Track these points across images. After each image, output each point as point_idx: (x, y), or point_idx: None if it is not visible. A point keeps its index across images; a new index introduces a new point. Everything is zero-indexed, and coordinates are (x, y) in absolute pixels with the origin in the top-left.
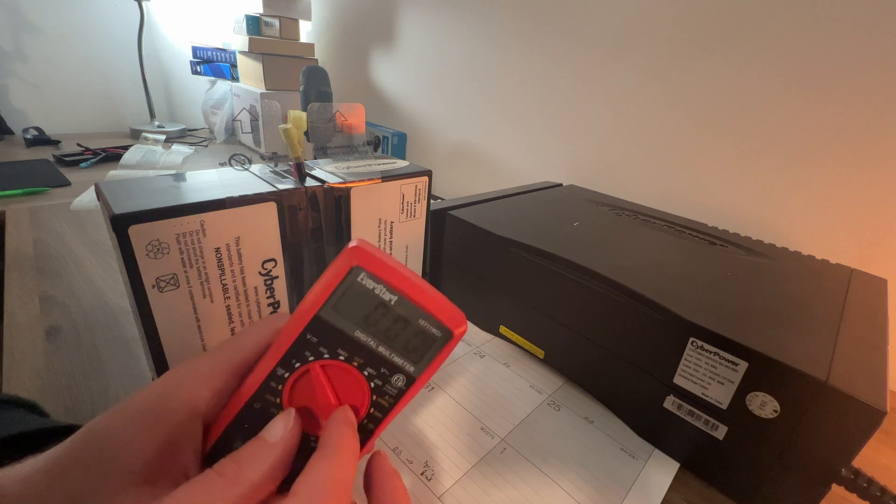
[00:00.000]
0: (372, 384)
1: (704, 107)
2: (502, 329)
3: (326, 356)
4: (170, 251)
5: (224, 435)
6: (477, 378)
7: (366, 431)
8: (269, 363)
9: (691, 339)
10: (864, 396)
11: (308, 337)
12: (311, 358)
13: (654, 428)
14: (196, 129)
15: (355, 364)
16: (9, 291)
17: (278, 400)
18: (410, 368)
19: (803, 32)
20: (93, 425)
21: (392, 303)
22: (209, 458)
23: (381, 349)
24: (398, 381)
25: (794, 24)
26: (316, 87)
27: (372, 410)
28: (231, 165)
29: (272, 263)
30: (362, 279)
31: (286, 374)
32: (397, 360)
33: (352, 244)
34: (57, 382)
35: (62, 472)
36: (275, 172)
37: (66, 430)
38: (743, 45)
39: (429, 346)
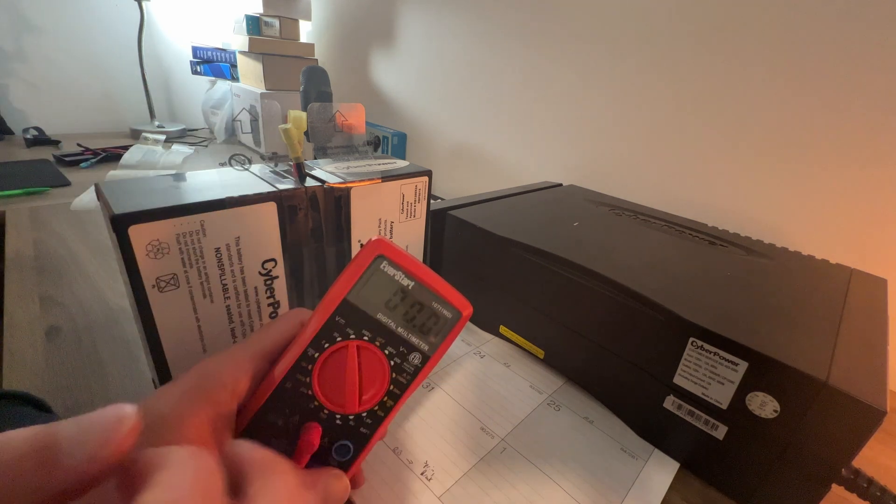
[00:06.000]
0: (392, 363)
1: (705, 107)
2: (502, 329)
3: (353, 337)
4: (170, 251)
5: (258, 414)
6: (477, 378)
7: (385, 409)
8: (300, 345)
9: (691, 339)
10: (864, 396)
11: (337, 319)
12: (338, 338)
13: (654, 428)
14: (196, 129)
15: (377, 344)
16: (9, 291)
17: (308, 379)
18: (425, 347)
19: (804, 32)
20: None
21: (410, 288)
22: (244, 437)
23: (400, 330)
24: (415, 359)
25: (795, 23)
26: (316, 87)
27: (391, 388)
28: (231, 165)
29: (272, 263)
30: (384, 267)
31: (316, 355)
32: (414, 339)
33: (374, 238)
34: (57, 382)
35: None
36: (275, 172)
37: None
38: (743, 44)
39: (441, 327)
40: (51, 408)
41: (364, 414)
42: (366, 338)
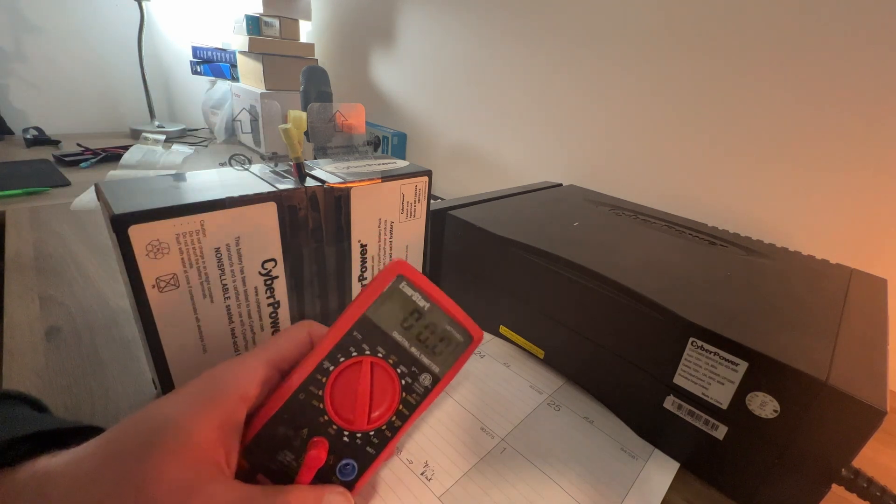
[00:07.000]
0: (403, 382)
1: (705, 107)
2: (502, 329)
3: (367, 353)
4: (170, 251)
5: (269, 424)
6: (477, 378)
7: (392, 429)
8: (317, 356)
9: (691, 339)
10: (864, 396)
11: (354, 334)
12: (354, 353)
13: (654, 428)
14: (196, 129)
15: (391, 362)
16: (9, 291)
17: (321, 392)
18: (436, 369)
19: (804, 33)
20: (146, 411)
21: (426, 309)
22: (251, 447)
23: (413, 349)
24: (425, 380)
25: (794, 24)
26: (316, 87)
27: (400, 407)
28: (231, 165)
29: (272, 263)
30: (403, 287)
31: (331, 368)
32: (426, 360)
33: (395, 259)
34: (57, 382)
35: (114, 451)
36: (275, 172)
37: (91, 431)
38: (743, 45)
39: (452, 350)
40: (48, 407)
41: (372, 433)
42: (380, 354)
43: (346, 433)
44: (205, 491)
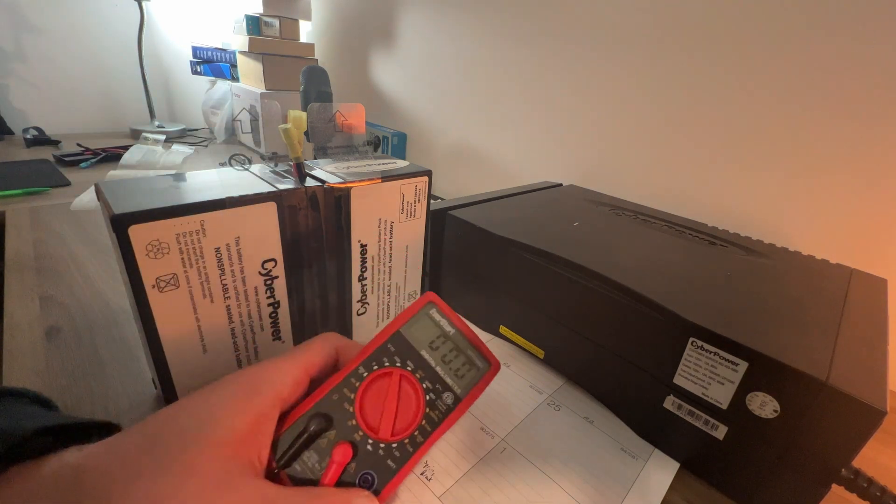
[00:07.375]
0: (427, 397)
1: (705, 107)
2: (502, 329)
3: (398, 365)
4: (170, 251)
5: (300, 420)
6: None
7: (414, 444)
8: (353, 363)
9: (691, 339)
10: (864, 396)
11: (388, 346)
12: (386, 363)
13: (654, 428)
14: (196, 129)
15: (418, 376)
16: (9, 291)
17: (353, 395)
18: (458, 390)
19: (804, 33)
20: (185, 401)
21: (451, 334)
22: (279, 444)
23: (438, 369)
24: (447, 398)
25: (794, 25)
26: (316, 87)
27: (423, 422)
28: (231, 165)
29: (272, 263)
30: (433, 312)
31: (365, 374)
32: (449, 380)
33: (428, 291)
34: (57, 382)
35: (152, 439)
36: (275, 172)
37: (107, 427)
38: (743, 46)
39: (473, 374)
40: (57, 406)
41: (394, 445)
42: (409, 368)
43: (370, 441)
44: (239, 487)
